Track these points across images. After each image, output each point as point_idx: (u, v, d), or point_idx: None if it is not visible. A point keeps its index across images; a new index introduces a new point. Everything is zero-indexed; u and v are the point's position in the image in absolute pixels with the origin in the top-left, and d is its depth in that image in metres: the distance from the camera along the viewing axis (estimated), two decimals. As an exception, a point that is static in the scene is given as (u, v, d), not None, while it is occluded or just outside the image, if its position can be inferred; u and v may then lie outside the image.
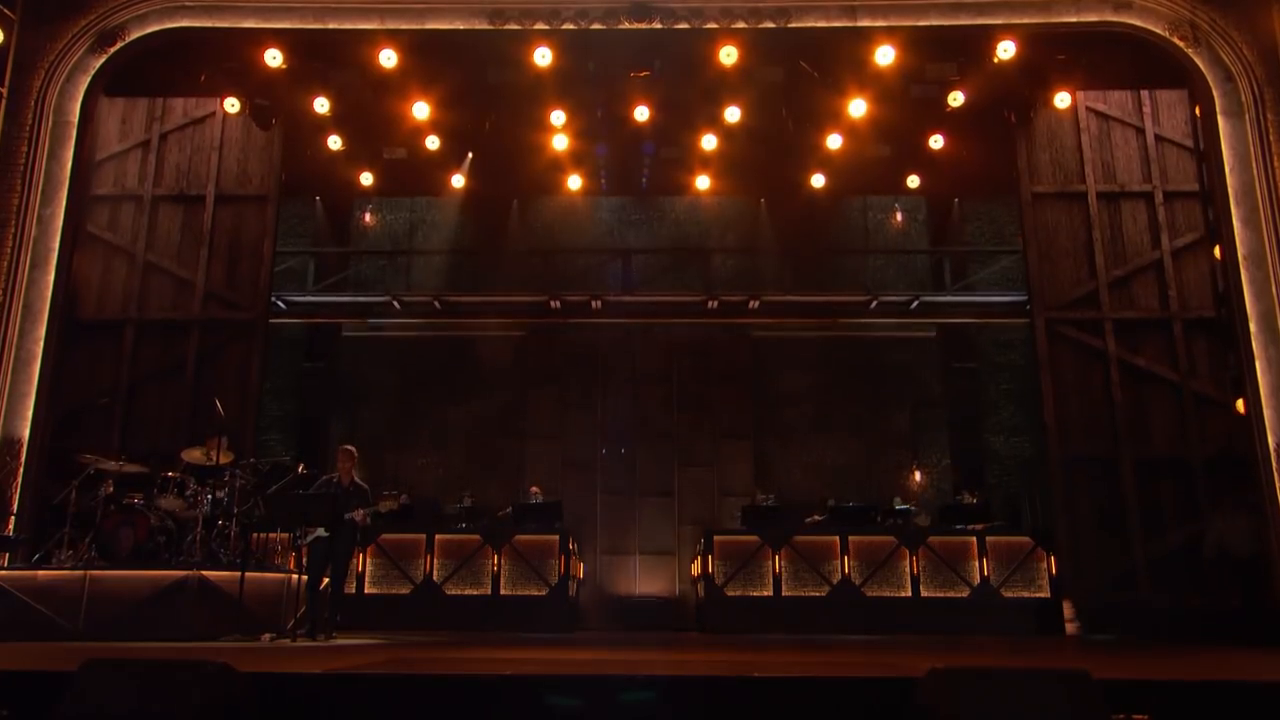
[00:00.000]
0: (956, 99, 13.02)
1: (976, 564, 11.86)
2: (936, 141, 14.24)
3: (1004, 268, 16.51)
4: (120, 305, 13.00)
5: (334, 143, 14.29)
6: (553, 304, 16.05)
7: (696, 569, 12.75)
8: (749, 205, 17.09)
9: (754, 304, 16.09)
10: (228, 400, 12.29)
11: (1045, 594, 11.72)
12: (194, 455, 9.51)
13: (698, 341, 16.49)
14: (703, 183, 15.30)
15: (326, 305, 16.51)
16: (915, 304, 16.13)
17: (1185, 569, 11.73)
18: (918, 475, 16.05)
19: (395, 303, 16.09)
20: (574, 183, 15.35)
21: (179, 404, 12.68)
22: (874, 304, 15.98)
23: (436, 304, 16.07)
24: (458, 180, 15.44)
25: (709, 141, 14.21)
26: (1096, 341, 12.77)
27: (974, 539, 12.00)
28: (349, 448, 9.02)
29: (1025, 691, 3.30)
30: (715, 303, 16.10)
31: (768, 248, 16.69)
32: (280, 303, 15.57)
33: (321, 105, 13.22)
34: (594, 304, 16.06)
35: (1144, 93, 13.35)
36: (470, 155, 15.15)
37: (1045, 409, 12.64)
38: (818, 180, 15.21)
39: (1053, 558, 11.89)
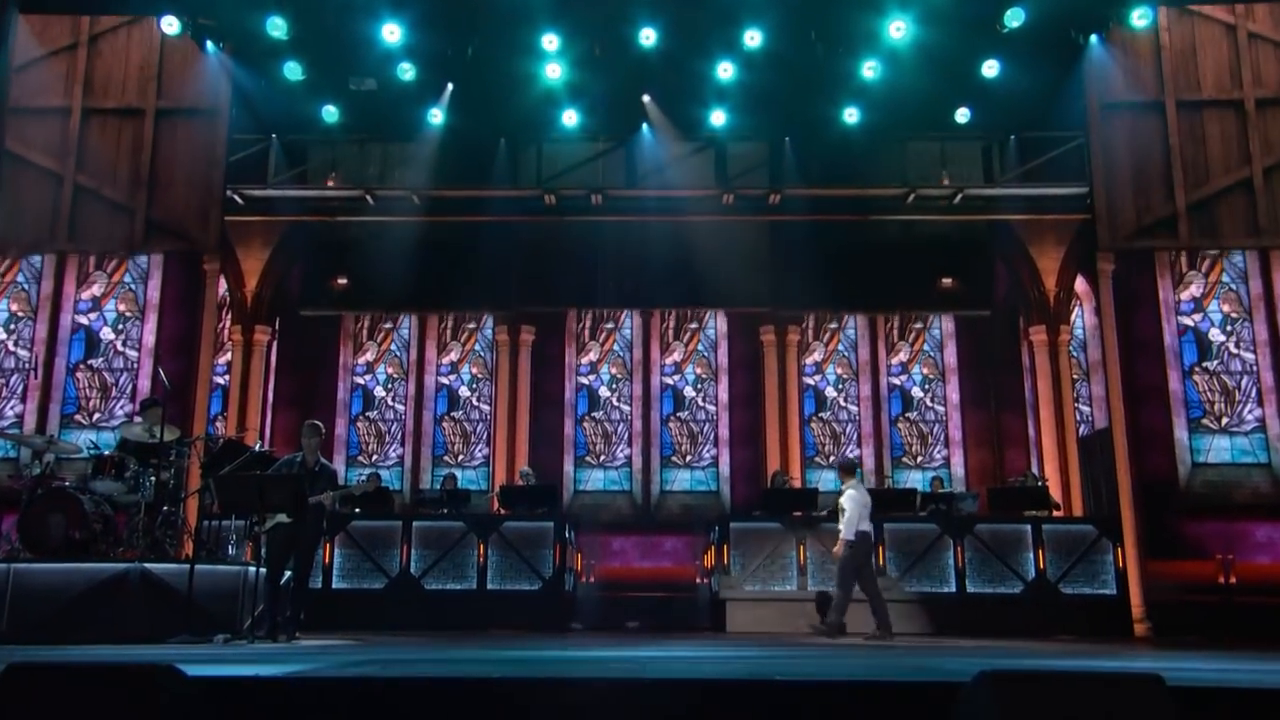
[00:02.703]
0: (1015, 18, 12.84)
1: (1031, 556, 11.88)
2: (990, 69, 14.05)
3: (1057, 158, 16.27)
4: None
5: (292, 71, 14.16)
6: (548, 199, 16.01)
7: (710, 560, 12.78)
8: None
9: (775, 198, 16.02)
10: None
11: (1110, 590, 11.74)
12: (134, 431, 9.51)
13: (712, 245, 16.46)
14: (718, 118, 15.16)
15: (289, 200, 16.43)
16: (959, 197, 16.02)
17: (1230, 214, 11.91)
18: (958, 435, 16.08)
19: (369, 197, 16.02)
20: (570, 119, 15.23)
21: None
22: (911, 198, 15.90)
23: (414, 199, 15.98)
24: (436, 116, 15.31)
25: (726, 71, 14.06)
26: (1143, -16, 12.96)
27: (1029, 527, 12.02)
28: (315, 423, 9.03)
29: (1088, 699, 3.28)
30: (731, 197, 16.03)
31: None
32: (236, 197, 15.50)
33: (276, 27, 13.08)
34: (594, 199, 16.03)
35: None
36: (450, 87, 15.01)
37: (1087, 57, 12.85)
38: (851, 115, 15.06)
39: (1119, 549, 11.90)
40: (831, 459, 18.56)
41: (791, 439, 17.31)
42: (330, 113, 15.48)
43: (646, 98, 15.24)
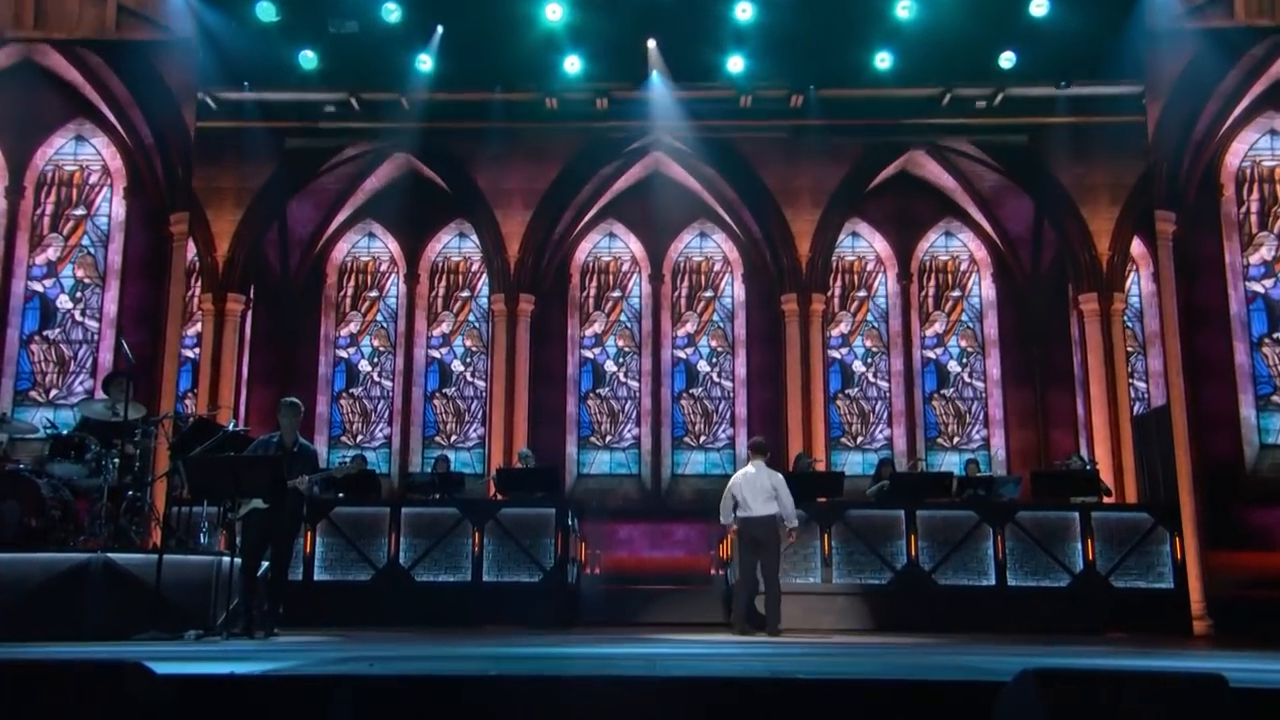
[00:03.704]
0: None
1: (1080, 546, 11.88)
2: (1039, 7, 13.93)
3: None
4: None
5: (265, 12, 14.11)
6: (549, 104, 16.08)
7: (726, 550, 12.82)
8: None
9: (798, 100, 16.07)
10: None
11: (1167, 584, 11.74)
12: (95, 409, 9.54)
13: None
14: (735, 64, 15.08)
15: (266, 104, 16.52)
16: (1000, 99, 15.99)
17: None
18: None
19: (353, 100, 16.15)
20: (572, 65, 15.16)
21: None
22: (947, 99, 15.94)
23: (404, 103, 16.11)
24: (425, 62, 15.24)
25: (744, 12, 13.97)
26: None
27: (1076, 515, 12.02)
28: (294, 400, 9.05)
29: (1143, 701, 3.28)
30: (749, 99, 16.05)
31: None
32: (209, 100, 15.58)
33: (248, -36, 13.04)
34: (599, 104, 16.22)
35: None
36: (440, 30, 14.94)
37: None
38: (883, 60, 14.95)
39: (1177, 539, 11.89)
40: (860, 440, 18.58)
41: (815, 418, 17.32)
42: (308, 59, 15.41)
43: (651, 43, 15.17)
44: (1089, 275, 16.95)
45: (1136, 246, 17.15)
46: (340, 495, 12.37)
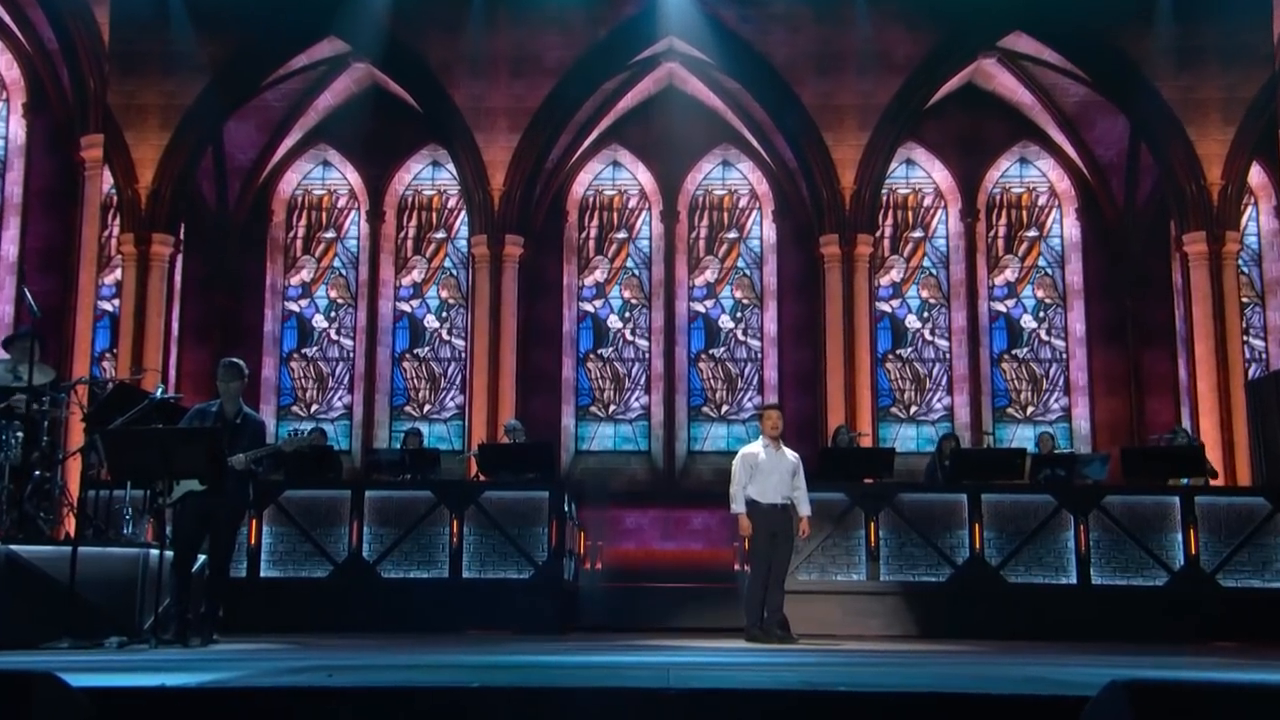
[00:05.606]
0: None
1: (1180, 538, 11.89)
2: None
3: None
4: None
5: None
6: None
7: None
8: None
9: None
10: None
11: (1287, 583, 11.77)
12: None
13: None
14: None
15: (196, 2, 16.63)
16: None
17: None
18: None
19: None
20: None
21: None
22: None
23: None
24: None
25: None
26: None
27: (1177, 500, 12.02)
28: (235, 361, 9.01)
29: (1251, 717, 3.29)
30: None
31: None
32: None
33: None
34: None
35: None
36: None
37: None
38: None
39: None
40: (914, 410, 18.60)
41: (860, 384, 17.34)
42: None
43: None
44: (1196, 210, 16.87)
45: (1255, 175, 17.07)
46: (291, 476, 12.41)
